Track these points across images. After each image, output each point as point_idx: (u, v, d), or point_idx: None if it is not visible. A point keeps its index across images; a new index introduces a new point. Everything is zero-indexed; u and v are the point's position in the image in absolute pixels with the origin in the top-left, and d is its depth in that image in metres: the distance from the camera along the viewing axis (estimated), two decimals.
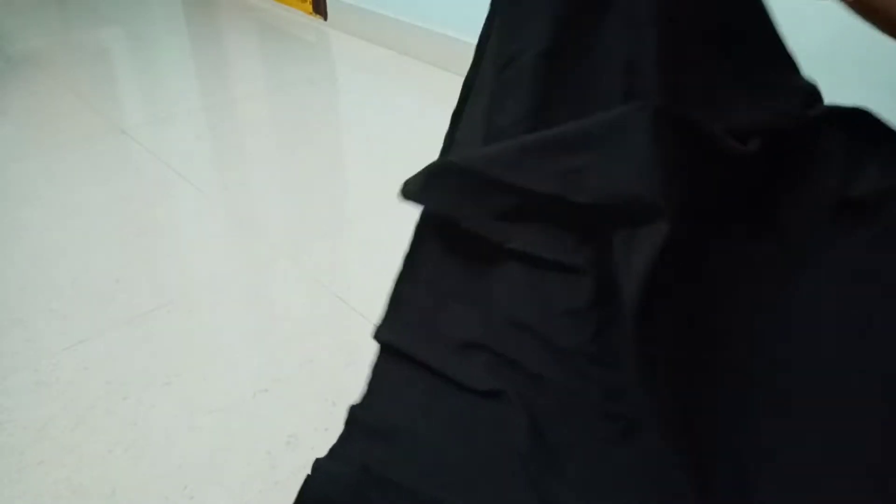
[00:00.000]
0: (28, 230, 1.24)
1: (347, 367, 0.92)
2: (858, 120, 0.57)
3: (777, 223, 0.52)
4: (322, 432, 0.82)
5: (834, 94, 1.26)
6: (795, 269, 0.50)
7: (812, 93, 0.59)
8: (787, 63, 0.59)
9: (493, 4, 0.60)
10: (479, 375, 0.53)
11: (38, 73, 1.93)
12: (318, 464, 0.63)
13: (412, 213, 1.38)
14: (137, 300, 1.05)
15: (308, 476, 0.63)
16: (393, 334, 0.60)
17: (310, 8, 2.34)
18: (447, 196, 0.58)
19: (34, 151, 1.52)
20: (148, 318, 1.02)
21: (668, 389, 0.46)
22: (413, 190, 0.60)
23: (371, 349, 0.94)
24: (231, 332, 1.00)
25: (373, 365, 0.60)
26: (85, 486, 0.77)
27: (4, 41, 2.22)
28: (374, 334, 0.59)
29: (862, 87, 1.15)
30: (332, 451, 0.63)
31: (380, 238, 1.20)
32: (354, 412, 0.61)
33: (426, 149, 1.70)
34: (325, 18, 2.29)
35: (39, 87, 1.84)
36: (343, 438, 0.63)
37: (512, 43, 0.56)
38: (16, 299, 1.07)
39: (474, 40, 1.96)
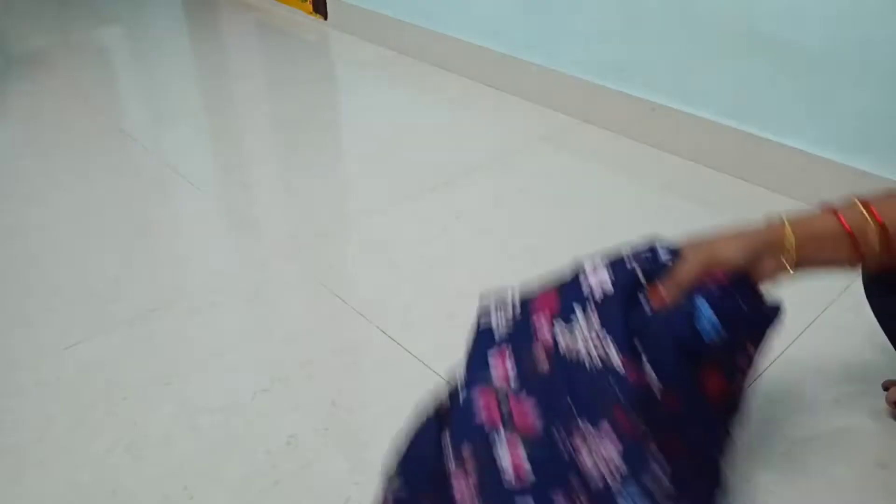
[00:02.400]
0: (28, 230, 1.24)
1: (347, 367, 0.92)
2: None
3: None
4: (322, 432, 0.82)
5: (834, 93, 1.27)
6: None
7: None
8: None
9: None
10: None
11: (38, 73, 1.93)
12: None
13: (412, 213, 1.39)
14: (137, 300, 1.05)
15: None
16: None
17: (310, 8, 2.34)
18: None
19: (34, 151, 1.52)
20: (148, 318, 1.02)
21: None
22: None
23: (371, 349, 0.94)
24: (231, 332, 1.00)
25: None
26: (85, 486, 0.77)
27: (4, 41, 2.22)
28: None
29: (862, 86, 1.15)
30: None
31: (380, 238, 1.20)
32: None
33: (426, 149, 1.71)
34: (325, 18, 2.29)
35: (39, 87, 1.84)
36: None
37: None
38: (16, 299, 1.07)
39: (474, 40, 1.98)
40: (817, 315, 0.99)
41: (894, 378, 0.83)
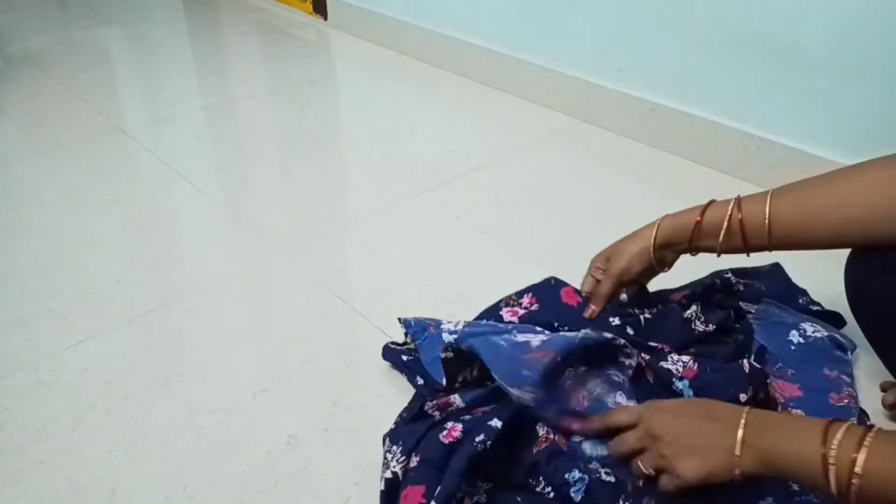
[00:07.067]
0: (28, 230, 1.24)
1: (347, 367, 0.92)
2: None
3: None
4: (322, 432, 0.83)
5: (835, 93, 1.27)
6: None
7: None
8: None
9: None
10: None
11: (38, 73, 1.93)
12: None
13: (411, 213, 1.39)
14: (137, 300, 1.05)
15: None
16: None
17: (310, 8, 2.34)
18: None
19: (34, 151, 1.52)
20: (148, 318, 1.02)
21: None
22: None
23: (371, 349, 0.94)
24: (231, 332, 1.00)
25: None
26: (85, 486, 0.77)
27: (4, 41, 2.22)
28: None
29: (863, 86, 1.14)
30: None
31: (380, 238, 1.20)
32: None
33: (426, 149, 1.71)
34: (325, 18, 2.30)
35: (39, 87, 1.84)
36: None
37: None
38: (16, 299, 1.07)
39: (474, 40, 1.98)
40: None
41: (891, 380, 0.83)
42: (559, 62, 1.62)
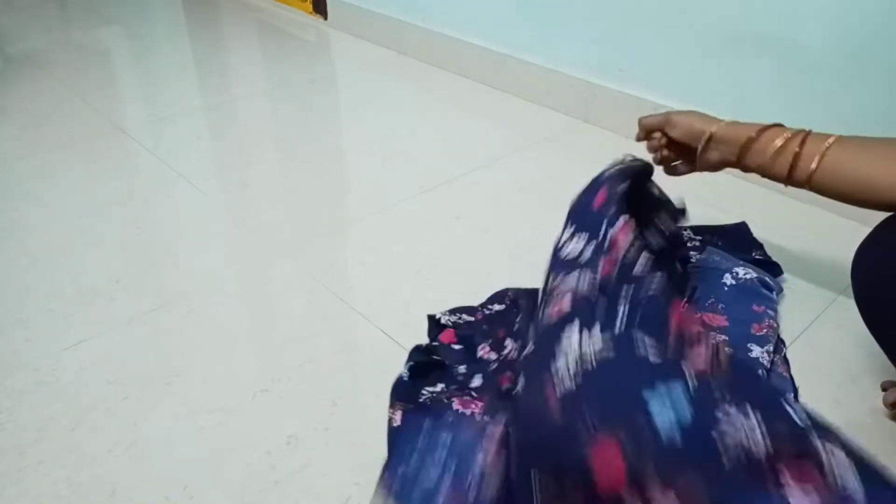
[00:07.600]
0: (28, 230, 1.24)
1: (347, 367, 0.92)
2: None
3: None
4: (322, 432, 0.83)
5: (835, 93, 1.26)
6: None
7: None
8: None
9: None
10: None
11: (38, 73, 1.93)
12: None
13: (411, 213, 1.39)
14: (137, 300, 1.05)
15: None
16: None
17: (310, 8, 2.34)
18: None
19: (34, 151, 1.52)
20: (148, 318, 1.02)
21: None
22: None
23: (371, 349, 0.94)
24: (231, 332, 1.00)
25: None
26: (85, 486, 0.77)
27: (4, 41, 2.22)
28: None
29: (862, 86, 1.15)
30: None
31: (380, 238, 1.20)
32: None
33: (426, 149, 1.71)
34: (325, 18, 2.30)
35: (39, 87, 1.84)
36: None
37: None
38: (16, 299, 1.07)
39: (474, 40, 1.98)
40: (818, 314, 0.99)
41: (893, 379, 0.83)
42: (559, 62, 1.62)
